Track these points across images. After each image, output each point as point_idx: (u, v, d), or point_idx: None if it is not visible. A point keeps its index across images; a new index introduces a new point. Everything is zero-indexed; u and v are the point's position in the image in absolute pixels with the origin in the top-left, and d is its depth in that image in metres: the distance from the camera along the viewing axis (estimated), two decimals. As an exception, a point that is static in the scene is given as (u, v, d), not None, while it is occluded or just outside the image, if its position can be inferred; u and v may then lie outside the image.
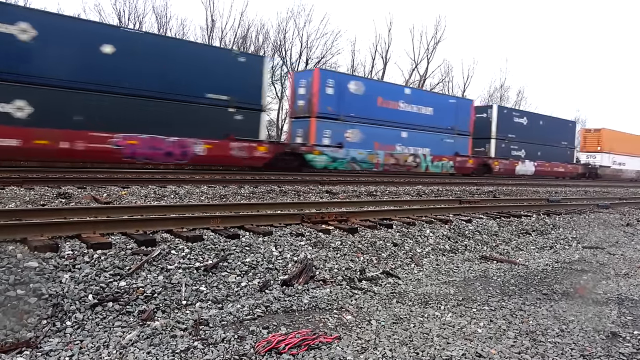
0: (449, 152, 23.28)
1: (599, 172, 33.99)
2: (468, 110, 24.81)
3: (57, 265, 3.87)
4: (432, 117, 22.46)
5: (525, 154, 27.80)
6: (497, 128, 26.25)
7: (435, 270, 5.43)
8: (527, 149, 27.87)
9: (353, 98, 19.36)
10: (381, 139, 20.43)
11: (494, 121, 26.22)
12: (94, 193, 8.42)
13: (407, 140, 21.42)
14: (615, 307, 4.23)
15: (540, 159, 28.79)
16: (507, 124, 26.69)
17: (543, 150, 29.16)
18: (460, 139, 23.99)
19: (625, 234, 9.13)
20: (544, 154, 29.24)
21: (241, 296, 4.08)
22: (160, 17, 34.18)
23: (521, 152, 27.65)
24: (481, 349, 3.10)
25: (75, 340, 3.09)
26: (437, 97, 25.61)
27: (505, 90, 50.13)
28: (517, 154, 27.50)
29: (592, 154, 35.47)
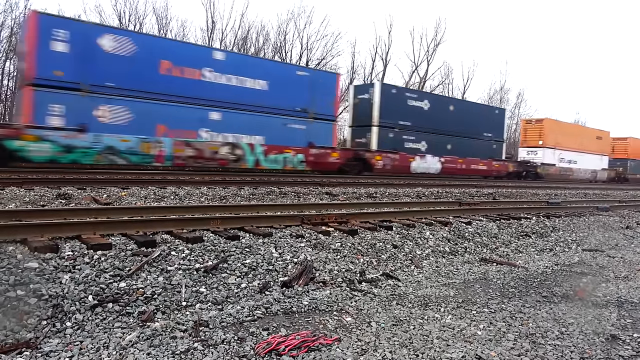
0: (298, 142, 17.41)
1: (540, 171, 28.91)
2: (331, 87, 18.79)
3: (57, 266, 3.87)
4: (267, 94, 16.59)
5: (428, 147, 22.28)
6: (380, 112, 20.45)
7: (435, 272, 5.43)
8: (431, 140, 22.42)
9: (111, 60, 13.48)
10: (171, 121, 14.61)
11: (376, 103, 20.30)
12: (93, 194, 8.42)
13: (219, 124, 15.55)
14: (615, 309, 4.23)
15: (450, 154, 23.32)
16: (397, 108, 21.09)
17: (456, 143, 23.66)
18: (318, 126, 18.04)
19: (625, 236, 9.14)
20: (457, 147, 23.73)
21: (241, 297, 4.08)
22: (161, 19, 34.23)
23: (421, 145, 22.07)
24: (481, 351, 3.11)
25: (75, 341, 3.09)
26: (275, 67, 18.66)
27: (505, 93, 50.25)
28: (415, 146, 21.85)
29: (533, 150, 30.12)
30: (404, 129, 21.50)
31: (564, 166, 31.11)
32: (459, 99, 30.54)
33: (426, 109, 22.37)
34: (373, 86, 21.34)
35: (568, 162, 31.53)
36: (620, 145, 38.93)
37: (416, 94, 23.11)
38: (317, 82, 18.34)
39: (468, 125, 24.34)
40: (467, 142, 24.32)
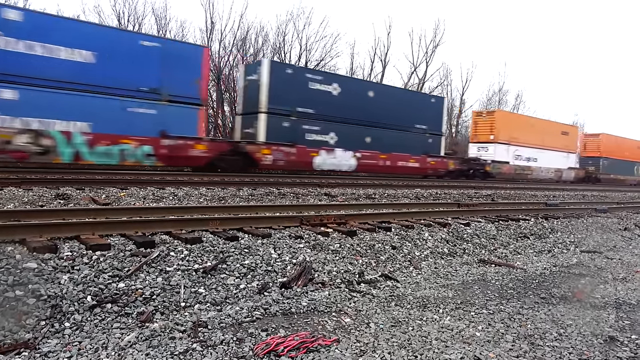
0: (144, 131, 13.89)
1: (490, 170, 25.41)
2: (194, 63, 15.10)
3: (55, 266, 3.87)
4: (94, 68, 12.89)
5: (338, 139, 18.71)
6: (270, 96, 16.78)
7: (434, 274, 5.43)
8: (343, 132, 18.80)
9: None
10: None
11: (265, 85, 16.69)
12: (92, 194, 8.42)
13: (15, 105, 11.78)
14: (613, 311, 4.24)
15: (370, 148, 19.71)
16: (295, 92, 17.51)
17: (378, 136, 19.96)
18: (175, 110, 14.50)
19: (623, 238, 9.15)
20: (380, 141, 19.99)
21: (240, 298, 4.08)
22: (160, 19, 34.18)
23: (329, 137, 18.52)
24: (480, 352, 3.11)
25: (74, 341, 3.08)
26: (106, 34, 13.86)
27: (504, 94, 50.23)
28: (320, 138, 18.30)
29: (484, 146, 26.75)
30: (305, 117, 17.81)
31: (521, 164, 27.74)
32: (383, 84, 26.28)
33: (336, 95, 18.75)
34: (261, 64, 17.40)
35: (526, 160, 28.14)
36: (592, 142, 35.95)
37: (321, 76, 19.05)
38: (173, 56, 14.66)
39: (394, 115, 20.67)
40: (394, 135, 20.59)
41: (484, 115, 28.34)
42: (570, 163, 31.84)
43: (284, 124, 17.36)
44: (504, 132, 26.83)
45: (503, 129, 26.81)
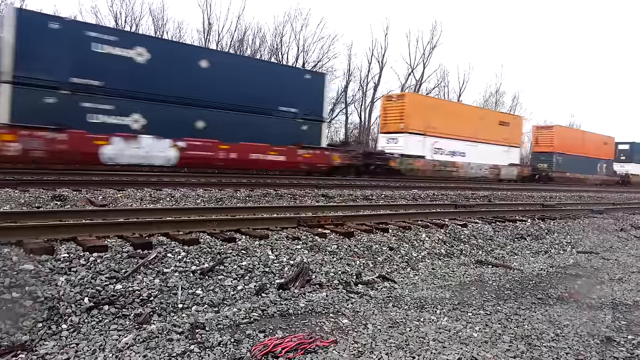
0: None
1: (397, 165, 20.78)
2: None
3: (52, 268, 3.86)
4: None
5: (148, 122, 14.05)
6: (19, 60, 11.91)
7: (431, 275, 5.44)
8: (155, 113, 14.11)
9: None
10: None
11: (8, 44, 11.82)
12: (89, 195, 8.40)
13: None
14: (609, 311, 4.26)
15: (203, 136, 15.23)
16: (66, 55, 12.54)
17: (217, 120, 15.35)
18: None
19: (619, 239, 9.19)
20: (220, 127, 15.41)
21: (237, 300, 4.08)
22: (157, 20, 34.16)
23: (130, 119, 13.78)
24: (477, 353, 3.12)
25: (71, 343, 3.08)
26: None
27: (501, 96, 50.38)
28: (114, 121, 13.52)
29: (394, 136, 21.93)
30: (87, 91, 13.02)
31: (442, 159, 22.91)
32: (226, 52, 21.24)
33: (143, 62, 14.03)
34: (4, 15, 12.66)
35: (450, 154, 23.33)
36: (545, 135, 31.59)
37: (116, 36, 13.87)
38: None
39: (246, 94, 15.96)
40: (243, 119, 15.98)
41: (393, 99, 23.05)
42: (512, 159, 27.21)
43: (47, 100, 12.38)
44: (418, 120, 21.79)
45: (416, 116, 21.73)
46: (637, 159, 39.84)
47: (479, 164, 25.09)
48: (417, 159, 21.87)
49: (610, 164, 36.54)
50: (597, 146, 34.72)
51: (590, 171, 33.75)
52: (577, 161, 32.22)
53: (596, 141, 34.82)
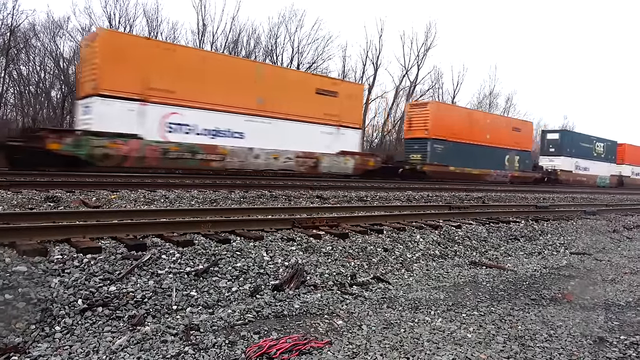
0: None
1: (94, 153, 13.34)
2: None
3: (46, 269, 3.84)
4: None
5: None
6: None
7: (426, 276, 5.46)
8: None
9: None
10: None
11: None
12: (83, 197, 8.35)
13: None
14: (602, 312, 4.28)
15: None
16: None
17: None
18: None
19: (612, 240, 9.25)
20: None
21: (232, 301, 4.07)
22: (151, 21, 34.04)
23: None
24: (471, 353, 3.13)
25: (65, 345, 3.06)
26: None
27: (495, 97, 50.56)
28: None
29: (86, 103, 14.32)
30: None
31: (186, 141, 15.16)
32: None
33: None
34: None
35: (208, 134, 15.80)
36: (418, 116, 23.95)
37: None
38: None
39: None
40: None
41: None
42: (345, 144, 19.85)
43: None
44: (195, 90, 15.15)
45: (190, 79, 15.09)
46: (568, 151, 32.62)
47: (267, 151, 17.11)
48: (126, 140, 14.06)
49: (528, 157, 29.76)
50: (504, 133, 27.61)
51: (491, 165, 26.52)
52: (468, 151, 24.78)
53: (502, 126, 27.83)
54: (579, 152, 33.69)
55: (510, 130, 28.40)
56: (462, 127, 24.87)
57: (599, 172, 35.87)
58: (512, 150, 28.23)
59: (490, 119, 28.28)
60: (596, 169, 35.55)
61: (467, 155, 24.96)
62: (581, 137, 35.67)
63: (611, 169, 37.69)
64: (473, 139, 25.47)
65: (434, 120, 23.59)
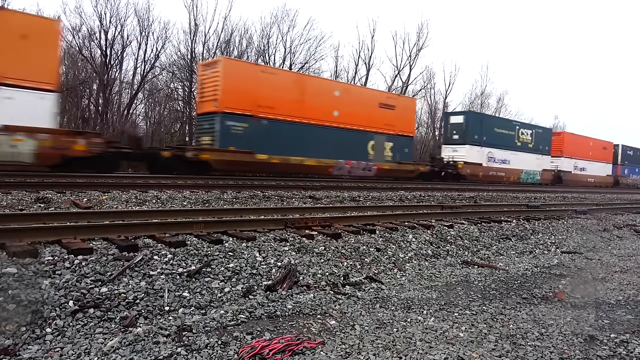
0: None
1: None
2: None
3: (36, 271, 3.80)
4: None
5: None
6: None
7: (418, 275, 5.48)
8: None
9: None
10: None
11: None
12: (73, 198, 8.29)
13: None
14: (592, 310, 4.32)
15: None
16: None
17: None
18: None
19: (602, 239, 9.33)
20: None
21: (225, 302, 4.06)
22: (143, 21, 33.84)
23: None
24: (463, 352, 3.14)
25: (56, 347, 3.04)
26: None
27: (486, 97, 50.76)
28: None
29: None
30: None
31: None
32: None
33: None
34: None
35: None
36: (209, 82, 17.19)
37: None
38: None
39: None
40: None
41: None
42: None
43: None
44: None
45: None
46: (476, 138, 26.39)
47: None
48: None
49: (408, 144, 23.25)
50: (367, 110, 20.84)
51: (343, 153, 19.70)
52: (298, 134, 18.21)
53: (362, 101, 20.87)
54: (494, 140, 27.43)
55: (376, 108, 21.22)
56: (284, 98, 17.79)
57: (525, 165, 29.68)
58: (381, 134, 21.30)
59: (342, 90, 20.43)
60: (520, 161, 29.26)
61: (295, 139, 18.07)
62: (497, 121, 30.06)
63: (543, 163, 31.54)
64: (306, 115, 18.42)
65: (227, 87, 16.49)
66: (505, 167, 28.45)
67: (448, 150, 27.01)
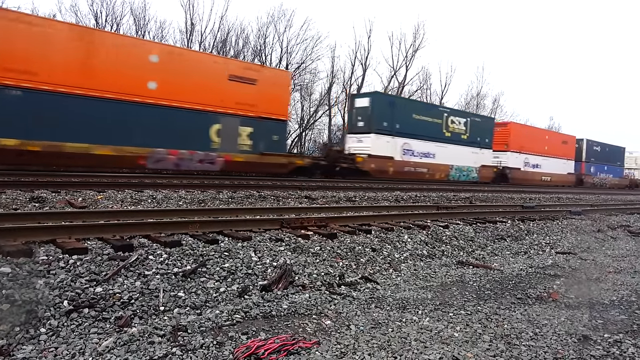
0: None
1: None
2: None
3: (31, 270, 3.78)
4: None
5: None
6: None
7: (413, 276, 5.49)
8: None
9: None
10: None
11: None
12: (68, 197, 8.26)
13: None
14: (586, 311, 4.34)
15: None
16: None
17: None
18: None
19: (597, 239, 9.38)
20: None
21: (220, 302, 4.06)
22: (139, 20, 33.77)
23: None
24: (458, 352, 3.16)
25: (50, 347, 3.03)
26: None
27: (482, 98, 50.91)
28: None
29: None
30: None
31: None
32: None
33: None
34: None
35: None
36: None
37: None
38: None
39: None
40: None
41: None
42: None
43: None
44: None
45: None
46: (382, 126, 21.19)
47: None
48: None
49: (279, 130, 18.34)
50: (208, 83, 16.04)
51: (165, 139, 15.03)
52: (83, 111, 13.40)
53: (198, 71, 15.78)
54: (412, 129, 22.43)
55: (224, 81, 16.42)
56: (56, 60, 13.03)
57: (456, 160, 24.79)
58: (232, 116, 16.57)
59: (163, 54, 15.24)
60: (448, 155, 24.27)
61: (78, 118, 13.34)
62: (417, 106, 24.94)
63: (482, 158, 26.55)
64: (97, 86, 13.65)
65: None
66: (428, 162, 23.39)
67: (352, 141, 21.54)
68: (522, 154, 29.56)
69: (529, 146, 30.07)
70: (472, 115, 27.84)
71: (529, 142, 30.08)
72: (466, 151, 25.46)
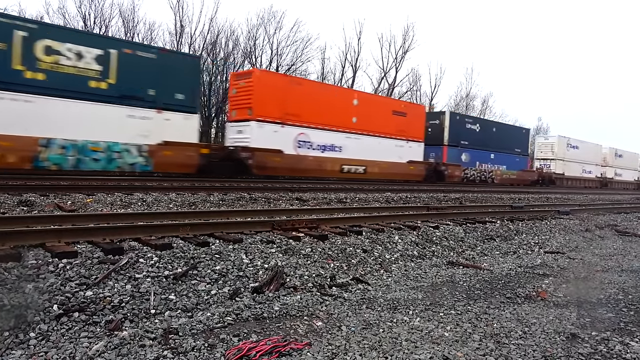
0: None
1: None
2: None
3: (20, 275, 3.76)
4: None
5: None
6: None
7: (404, 276, 5.52)
8: None
9: None
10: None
11: None
12: (57, 200, 8.19)
13: None
14: (574, 309, 4.40)
15: None
16: None
17: None
18: None
19: (585, 239, 9.49)
20: None
21: (211, 304, 4.05)
22: (127, 22, 33.55)
23: None
24: (448, 352, 3.18)
25: (40, 352, 3.01)
26: None
27: (471, 100, 51.21)
28: None
29: None
30: None
31: None
32: None
33: None
34: None
35: None
36: None
37: None
38: None
39: None
40: None
41: None
42: None
43: None
44: None
45: None
46: None
47: None
48: None
49: None
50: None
51: None
52: None
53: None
54: None
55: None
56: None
57: None
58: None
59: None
60: None
61: None
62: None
63: None
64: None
65: None
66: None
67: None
68: (294, 126, 18.36)
69: (309, 114, 18.79)
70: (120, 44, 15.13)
71: (307, 108, 18.73)
72: None
